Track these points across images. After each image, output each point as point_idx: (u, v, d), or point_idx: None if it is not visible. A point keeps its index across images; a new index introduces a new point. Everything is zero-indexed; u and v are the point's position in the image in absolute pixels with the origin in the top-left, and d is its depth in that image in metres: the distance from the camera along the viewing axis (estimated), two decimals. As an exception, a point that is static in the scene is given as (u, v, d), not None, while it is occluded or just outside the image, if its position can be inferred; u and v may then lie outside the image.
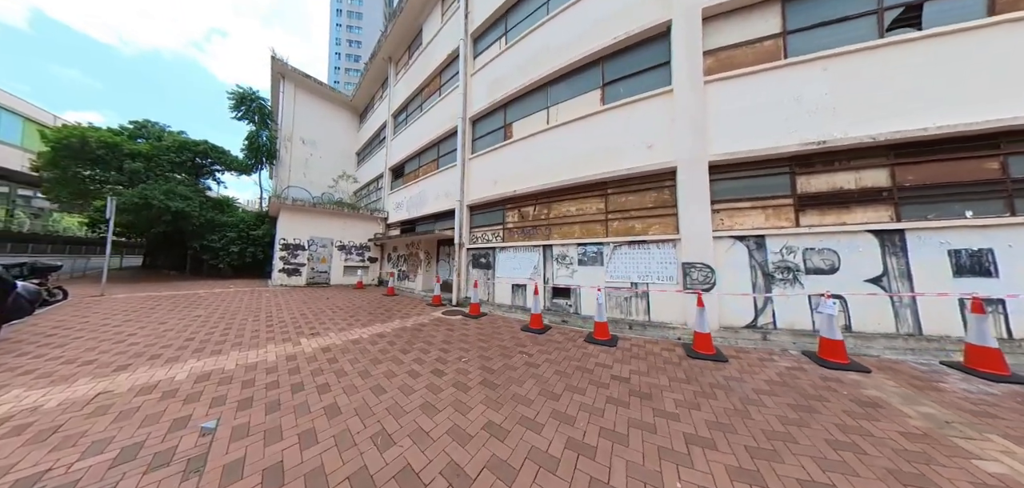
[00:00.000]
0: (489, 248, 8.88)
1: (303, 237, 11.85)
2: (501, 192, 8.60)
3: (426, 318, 6.65)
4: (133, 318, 5.82)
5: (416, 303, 8.57)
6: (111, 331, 4.87)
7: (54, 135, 12.60)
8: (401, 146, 13.46)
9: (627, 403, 2.75)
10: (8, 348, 4.12)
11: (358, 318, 6.34)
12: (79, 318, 5.74)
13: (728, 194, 5.40)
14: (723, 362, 3.86)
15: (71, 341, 4.42)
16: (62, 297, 7.68)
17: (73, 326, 5.22)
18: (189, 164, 15.17)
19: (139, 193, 11.54)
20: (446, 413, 2.57)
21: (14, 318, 5.66)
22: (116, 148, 12.99)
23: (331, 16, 64.28)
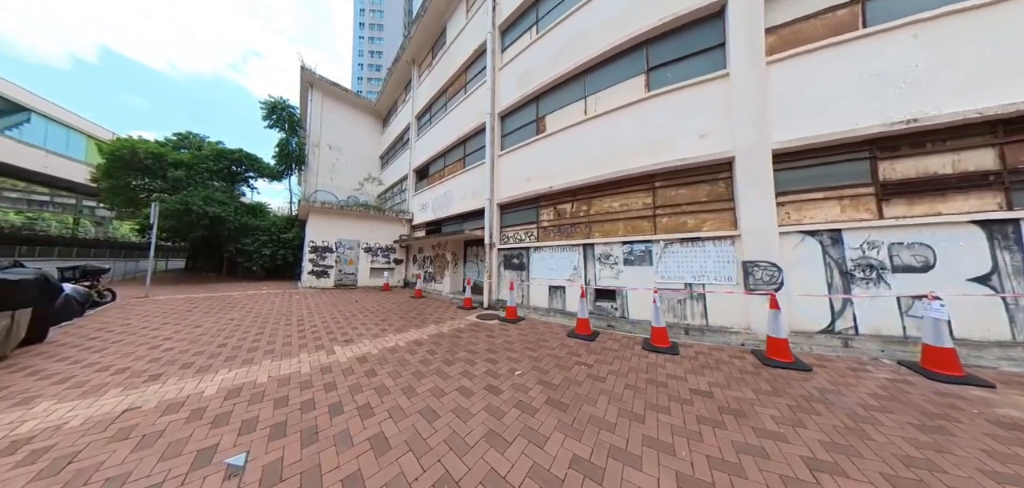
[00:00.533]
0: (522, 248, 8.37)
1: (331, 239, 11.87)
2: (534, 189, 8.08)
3: (461, 323, 6.23)
4: (170, 320, 5.78)
5: (446, 306, 8.20)
6: (148, 335, 4.77)
7: (108, 148, 13.54)
8: (425, 147, 13.29)
9: (721, 422, 2.43)
10: (52, 352, 4.05)
11: (390, 322, 6.01)
12: (122, 320, 5.76)
13: (795, 185, 4.79)
14: (806, 371, 3.49)
15: (111, 345, 4.31)
16: (111, 298, 7.93)
17: (115, 328, 5.19)
18: (225, 172, 15.77)
19: (180, 199, 12.01)
20: (519, 446, 2.07)
21: (64, 319, 5.78)
22: (161, 158, 13.72)
23: (354, 29, 66.79)
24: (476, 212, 10.01)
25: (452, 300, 9.36)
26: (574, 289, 7.16)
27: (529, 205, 8.46)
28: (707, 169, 5.60)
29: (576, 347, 4.64)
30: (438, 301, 9.12)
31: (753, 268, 4.82)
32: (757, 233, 4.82)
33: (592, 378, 3.35)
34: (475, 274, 10.38)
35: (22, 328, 4.08)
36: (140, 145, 13.60)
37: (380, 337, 4.87)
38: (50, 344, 4.41)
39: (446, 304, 8.62)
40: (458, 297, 9.53)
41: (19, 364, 3.65)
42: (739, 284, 4.97)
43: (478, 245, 10.46)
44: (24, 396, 2.79)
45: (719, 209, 5.42)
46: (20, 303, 4.01)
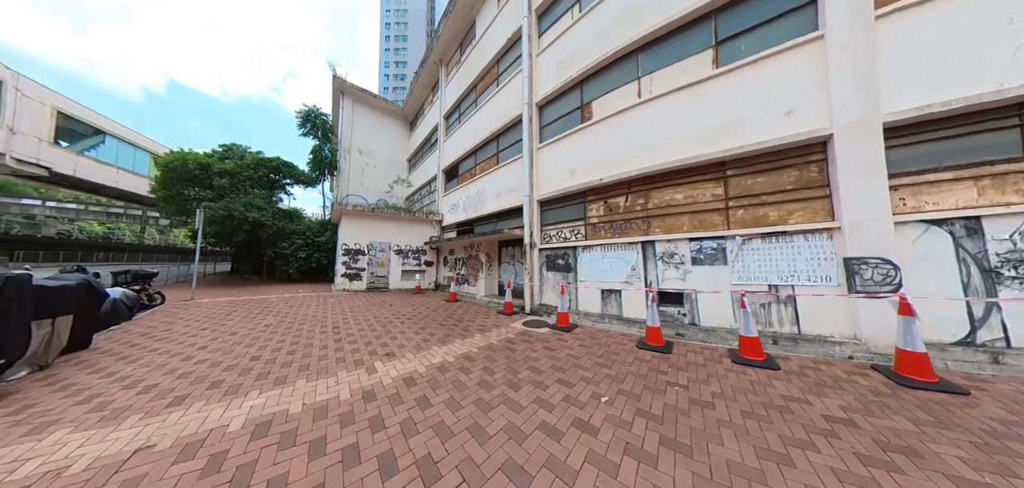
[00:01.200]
0: (568, 248, 7.57)
1: (363, 242, 11.73)
2: (581, 182, 7.27)
3: (508, 331, 5.55)
4: (209, 326, 5.59)
5: (485, 311, 7.57)
6: (185, 342, 4.51)
7: (162, 161, 14.46)
8: (454, 146, 12.86)
9: (894, 465, 1.92)
10: (91, 361, 3.84)
11: (430, 330, 5.44)
12: (165, 324, 5.66)
13: (913, 165, 3.98)
14: (962, 395, 2.83)
15: (147, 353, 4.06)
16: (161, 301, 8.10)
17: (156, 333, 5.03)
18: (265, 179, 16.38)
19: (224, 206, 12.44)
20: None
21: (111, 324, 5.79)
22: (208, 168, 14.42)
23: (380, 42, 69.34)
24: (512, 210, 9.35)
25: (489, 304, 8.73)
26: (633, 293, 6.29)
27: (575, 200, 7.65)
28: (794, 152, 4.74)
29: (654, 361, 3.94)
30: (475, 305, 8.52)
31: (860, 266, 4.02)
32: (864, 224, 4.03)
33: (697, 404, 2.73)
34: (512, 276, 9.71)
35: (63, 336, 3.90)
36: (189, 157, 14.40)
37: (424, 350, 4.28)
38: (93, 351, 4.25)
39: (484, 309, 7.99)
40: (495, 301, 8.90)
41: (57, 375, 3.42)
42: (840, 285, 4.18)
43: (514, 245, 9.79)
44: (42, 421, 2.44)
45: (810, 197, 4.59)
46: (61, 310, 3.82)
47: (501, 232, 8.98)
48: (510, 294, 7.78)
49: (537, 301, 7.97)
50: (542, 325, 6.23)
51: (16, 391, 3.01)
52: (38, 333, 3.62)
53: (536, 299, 7.96)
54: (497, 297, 9.42)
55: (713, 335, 5.05)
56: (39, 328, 3.62)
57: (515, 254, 9.78)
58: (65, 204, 36.97)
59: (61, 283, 3.87)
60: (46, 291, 3.67)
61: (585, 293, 7.05)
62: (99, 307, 4.75)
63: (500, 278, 10.21)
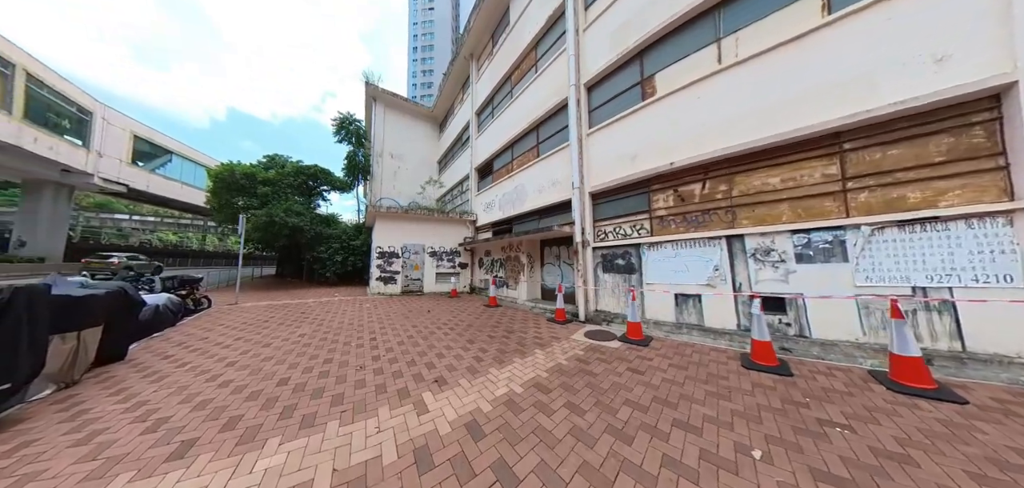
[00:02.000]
0: (628, 246, 6.48)
1: (397, 244, 11.36)
2: (644, 169, 6.18)
3: (571, 345, 4.61)
4: (244, 334, 5.22)
5: (532, 318, 6.67)
6: (215, 358, 4.06)
7: (214, 172, 15.31)
8: (488, 143, 12.16)
9: None
10: (118, 377, 3.44)
11: (481, 344, 4.63)
12: (203, 332, 5.38)
13: None
14: None
15: (174, 370, 3.62)
16: (207, 306, 8.11)
17: (191, 343, 4.69)
18: (304, 186, 16.84)
19: (266, 213, 12.74)
20: None
21: (155, 331, 5.63)
22: (253, 177, 15.02)
23: (408, 53, 71.68)
24: (557, 206, 8.39)
25: (533, 309, 7.81)
26: (715, 297, 5.14)
27: (636, 190, 6.54)
28: (947, 112, 3.62)
29: (780, 388, 3.03)
30: (520, 312, 7.64)
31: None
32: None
33: (885, 455, 1.93)
34: (558, 278, 8.73)
35: (91, 349, 3.55)
36: (237, 168, 15.13)
37: (479, 372, 3.45)
38: (126, 364, 3.91)
39: (532, 316, 7.08)
40: (539, 306, 7.97)
41: (74, 398, 3.01)
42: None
43: (559, 245, 8.81)
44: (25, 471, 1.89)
45: (973, 171, 3.51)
46: (88, 322, 3.47)
47: (546, 230, 8.04)
48: (561, 300, 6.81)
49: (592, 307, 6.93)
50: (608, 337, 5.21)
51: (24, 419, 2.57)
52: (63, 348, 3.26)
53: (591, 305, 6.93)
54: (541, 302, 8.48)
55: (833, 350, 3.97)
56: (64, 342, 3.26)
57: (560, 254, 8.80)
58: (146, 217, 42.20)
59: (89, 292, 3.52)
60: (71, 302, 3.31)
61: (653, 298, 5.94)
62: (135, 316, 4.47)
63: (543, 281, 9.27)
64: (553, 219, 8.60)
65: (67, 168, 20.39)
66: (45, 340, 2.95)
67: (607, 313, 6.68)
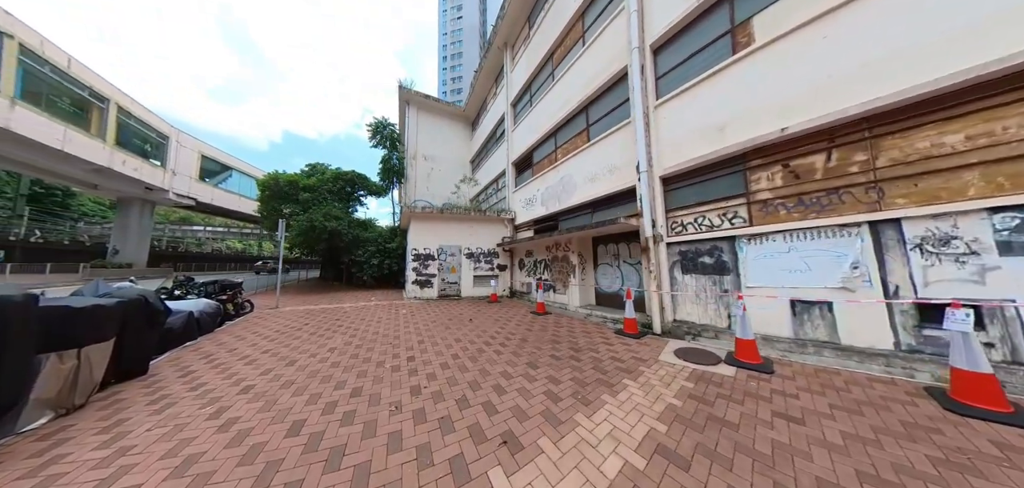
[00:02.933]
0: (717, 239, 5.09)
1: (432, 246, 10.73)
2: (737, 142, 4.82)
3: (671, 373, 3.38)
4: (272, 347, 4.67)
5: (594, 330, 5.48)
6: (234, 380, 3.44)
7: (261, 182, 16.09)
8: (526, 134, 11.16)
9: None
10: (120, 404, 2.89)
11: (546, 369, 3.57)
12: (232, 343, 4.93)
13: None
14: None
15: (184, 396, 3.01)
16: (249, 310, 7.98)
17: (218, 357, 4.18)
18: (342, 192, 17.17)
19: (306, 218, 12.92)
20: None
21: (187, 340, 5.32)
22: (295, 184, 15.56)
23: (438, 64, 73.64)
24: (614, 196, 7.12)
25: (589, 318, 6.59)
26: (854, 304, 3.67)
27: (726, 169, 5.12)
28: None
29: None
30: (575, 321, 6.46)
31: None
32: None
33: None
34: (614, 280, 7.43)
35: (98, 369, 3.03)
36: (281, 177, 15.77)
37: (562, 421, 2.39)
38: (144, 381, 3.41)
39: (591, 326, 5.88)
40: (596, 314, 6.74)
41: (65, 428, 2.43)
42: None
43: (616, 241, 7.51)
44: None
45: None
46: (91, 337, 2.95)
47: (605, 224, 6.80)
48: (631, 308, 5.53)
49: (669, 317, 5.57)
50: (709, 358, 3.90)
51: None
52: (61, 368, 2.74)
53: (668, 314, 5.57)
54: (597, 308, 7.22)
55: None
56: (62, 362, 2.74)
57: (618, 252, 7.48)
58: (217, 229, 47.41)
59: (92, 303, 3.00)
60: (68, 314, 2.79)
61: (757, 306, 4.47)
62: (158, 327, 4.03)
63: (598, 284, 7.99)
64: (609, 212, 7.34)
65: (149, 186, 22.90)
66: (27, 362, 2.40)
67: (690, 324, 5.30)
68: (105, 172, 19.46)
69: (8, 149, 15.27)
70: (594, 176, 7.66)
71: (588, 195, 7.78)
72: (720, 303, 5.11)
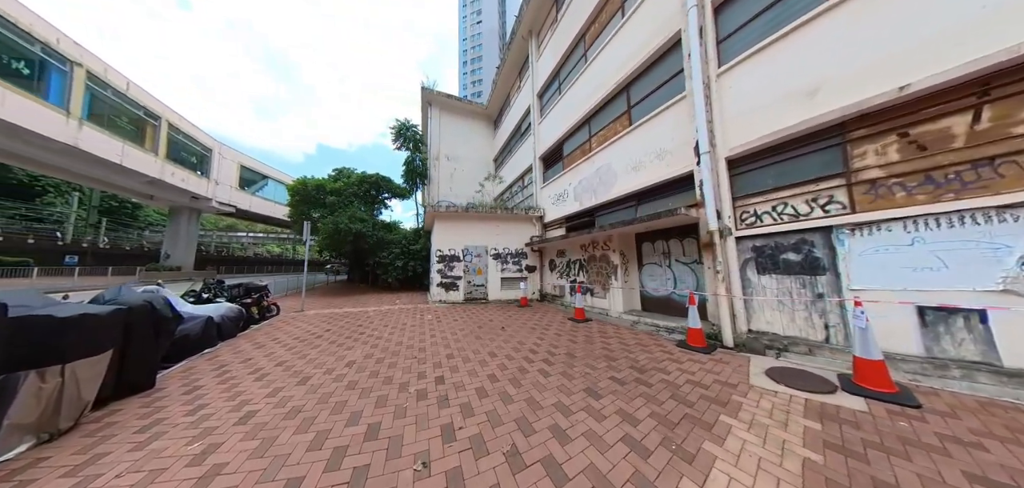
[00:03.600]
0: (805, 230, 4.06)
1: (457, 247, 10.19)
2: (833, 108, 3.81)
3: (778, 406, 2.48)
4: (290, 355, 4.26)
5: (652, 342, 4.58)
6: (236, 402, 2.98)
7: (291, 187, 16.52)
8: (555, 125, 10.36)
9: None
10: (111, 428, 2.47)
11: (612, 400, 2.78)
12: (252, 348, 4.58)
13: None
14: None
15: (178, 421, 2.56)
16: (275, 313, 7.83)
17: (231, 369, 3.79)
18: (367, 195, 17.27)
19: (332, 220, 12.93)
20: None
21: (208, 346, 5.03)
22: (322, 188, 15.77)
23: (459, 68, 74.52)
24: (665, 185, 6.16)
25: (638, 326, 5.67)
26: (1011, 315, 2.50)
27: (815, 143, 4.08)
28: None
29: None
30: (622, 329, 5.57)
31: None
32: None
33: None
34: (664, 282, 6.45)
35: (87, 387, 2.64)
36: (309, 182, 16.08)
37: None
38: (146, 398, 3.03)
39: (646, 337, 4.98)
40: (644, 321, 5.81)
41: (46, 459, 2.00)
42: None
43: (666, 237, 6.52)
44: None
45: None
46: (77, 352, 2.56)
47: (657, 217, 5.85)
48: (696, 315, 4.58)
49: (743, 327, 4.57)
50: (815, 383, 2.94)
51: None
52: (43, 388, 2.35)
53: (740, 323, 4.57)
54: (645, 314, 6.26)
55: None
56: (43, 381, 2.35)
57: (668, 249, 6.49)
58: (258, 235, 50.77)
59: (79, 312, 2.61)
60: (50, 326, 2.40)
61: (870, 314, 3.41)
62: (167, 335, 3.69)
63: (643, 286, 7.03)
64: (658, 203, 6.37)
65: (195, 195, 24.53)
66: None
67: (772, 336, 4.28)
68: (157, 183, 20.98)
69: (76, 165, 16.73)
70: (638, 164, 6.73)
71: (631, 186, 6.86)
72: (813, 309, 4.07)
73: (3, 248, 20.83)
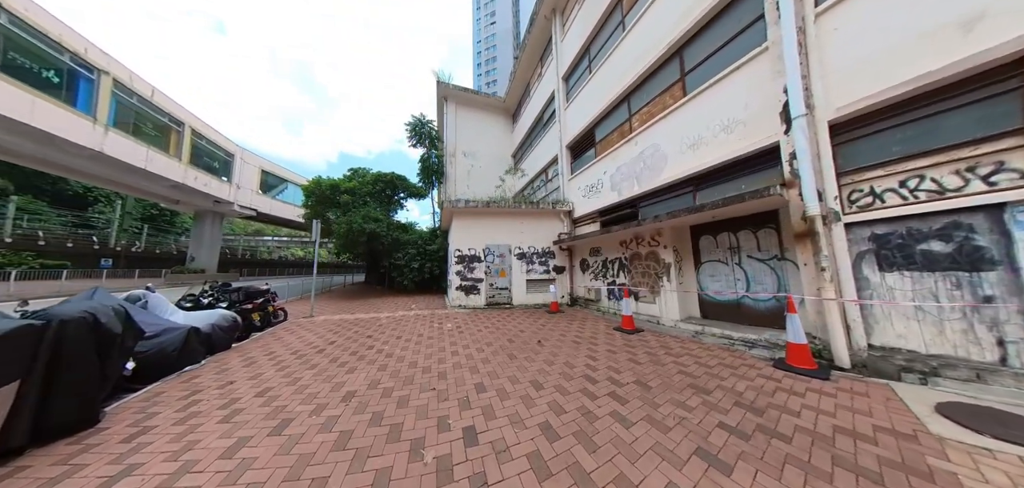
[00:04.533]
0: (955, 211, 2.81)
1: (478, 246, 9.26)
2: (1006, 41, 2.50)
3: None
4: (281, 376, 3.43)
5: (728, 357, 3.43)
6: (181, 462, 2.10)
7: (306, 188, 16.24)
8: (584, 108, 9.27)
9: None
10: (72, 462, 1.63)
11: (745, 474, 1.72)
12: (239, 366, 3.80)
13: None
14: None
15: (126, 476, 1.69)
16: (283, 318, 7.18)
17: (203, 396, 2.98)
18: (382, 194, 16.74)
19: (345, 220, 12.35)
20: None
21: (190, 362, 4.26)
22: (337, 187, 15.32)
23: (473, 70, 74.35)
24: (733, 164, 4.96)
25: (702, 337, 4.50)
26: None
27: (967, 93, 2.83)
28: None
29: None
30: (688, 343, 4.42)
31: None
32: None
33: None
34: (730, 284, 5.23)
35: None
36: (324, 182, 15.71)
37: None
38: (81, 442, 2.24)
39: (718, 352, 3.82)
40: (710, 331, 4.63)
41: None
42: None
43: (731, 229, 5.30)
44: None
45: None
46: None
47: (727, 204, 4.66)
48: (798, 327, 3.41)
49: (861, 341, 3.35)
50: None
51: None
52: None
53: (857, 337, 3.36)
54: (709, 324, 5.05)
55: None
56: None
57: (735, 244, 5.27)
58: (283, 238, 52.25)
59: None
60: None
61: None
62: (119, 357, 2.90)
63: (702, 288, 5.82)
64: (724, 187, 5.18)
65: (218, 199, 25.00)
66: None
67: (909, 354, 3.08)
68: (181, 188, 21.39)
69: (103, 170, 17.13)
70: (696, 141, 5.55)
71: (687, 168, 5.68)
72: (975, 319, 2.85)
73: (44, 252, 21.81)
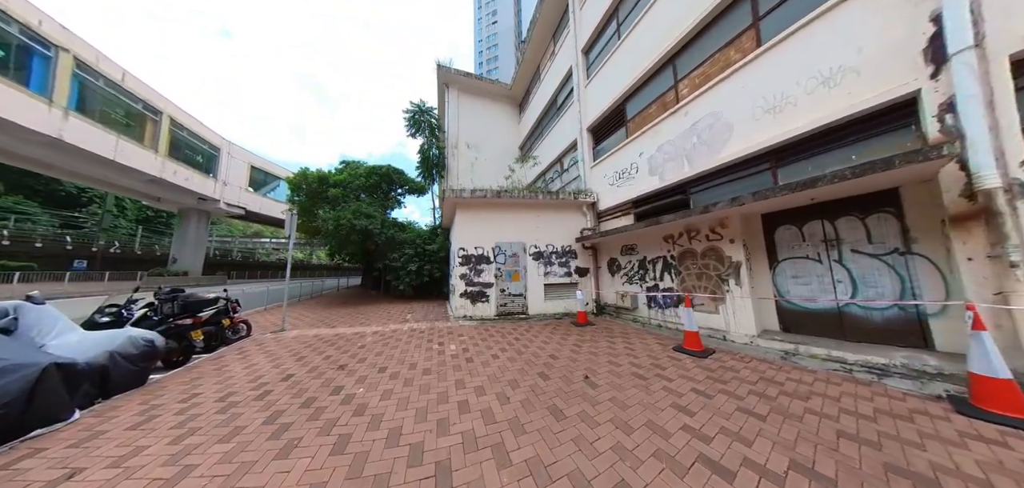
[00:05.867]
0: None
1: (487, 244, 7.83)
2: None
3: None
4: (187, 447, 2.02)
5: (874, 395, 2.10)
6: None
7: (291, 180, 14.96)
8: (611, 81, 7.91)
9: None
10: None
11: None
12: (111, 437, 2.40)
13: None
14: None
15: None
16: (246, 333, 5.75)
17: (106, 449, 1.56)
18: (377, 189, 15.34)
19: (334, 216, 10.95)
20: None
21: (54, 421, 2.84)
22: (325, 180, 13.90)
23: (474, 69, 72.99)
24: (839, 126, 3.61)
25: (792, 358, 3.14)
26: None
27: None
28: None
29: None
30: (802, 373, 3.06)
31: None
32: None
33: None
34: (822, 289, 3.86)
35: None
36: (310, 174, 14.32)
37: None
38: None
39: (838, 382, 2.47)
40: (812, 353, 3.28)
41: None
42: None
43: (824, 216, 3.95)
44: None
45: None
46: None
47: (844, 177, 3.28)
48: (997, 356, 2.05)
49: None
50: None
51: None
52: None
53: None
54: (799, 340, 3.67)
55: None
56: None
57: (834, 235, 3.92)
58: (281, 240, 50.40)
59: None
60: None
61: None
62: None
63: (780, 293, 4.46)
64: (822, 158, 3.82)
65: (202, 196, 23.38)
66: None
67: None
68: (159, 182, 19.78)
69: (65, 160, 15.52)
70: (778, 103, 4.21)
71: (764, 140, 4.33)
72: None
73: (9, 252, 20.09)
